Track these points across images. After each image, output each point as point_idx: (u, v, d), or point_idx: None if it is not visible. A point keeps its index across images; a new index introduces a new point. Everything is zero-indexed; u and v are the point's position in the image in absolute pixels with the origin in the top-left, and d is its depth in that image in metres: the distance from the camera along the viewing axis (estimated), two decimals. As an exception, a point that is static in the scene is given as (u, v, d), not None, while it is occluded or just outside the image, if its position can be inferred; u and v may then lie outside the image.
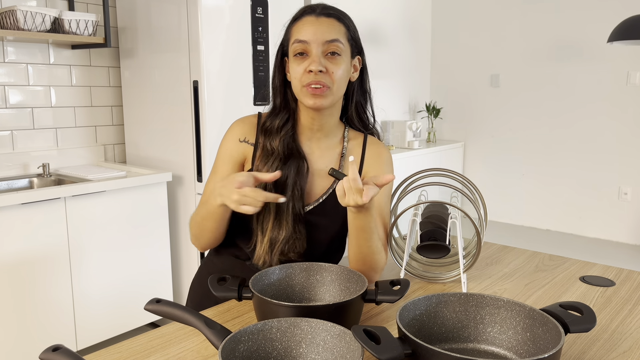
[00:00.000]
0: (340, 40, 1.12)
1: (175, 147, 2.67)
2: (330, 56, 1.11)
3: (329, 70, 1.11)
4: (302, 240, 1.16)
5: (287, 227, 1.14)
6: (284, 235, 1.14)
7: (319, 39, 1.10)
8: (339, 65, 1.12)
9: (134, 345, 0.92)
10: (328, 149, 1.23)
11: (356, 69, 1.20)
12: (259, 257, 1.16)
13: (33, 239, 2.16)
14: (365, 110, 1.26)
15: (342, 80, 1.14)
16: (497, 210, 4.83)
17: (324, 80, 1.10)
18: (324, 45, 1.11)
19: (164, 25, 2.60)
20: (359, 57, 1.20)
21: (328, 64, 1.11)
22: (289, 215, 1.14)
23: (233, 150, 1.21)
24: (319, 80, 1.10)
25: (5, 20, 2.32)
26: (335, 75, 1.11)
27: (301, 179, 1.17)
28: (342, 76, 1.13)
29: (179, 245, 2.77)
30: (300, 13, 1.17)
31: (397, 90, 4.72)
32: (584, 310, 0.83)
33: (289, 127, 1.20)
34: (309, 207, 1.19)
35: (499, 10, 4.65)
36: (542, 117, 4.52)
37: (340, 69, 1.12)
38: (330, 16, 1.14)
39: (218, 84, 2.52)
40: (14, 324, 2.14)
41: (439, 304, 0.88)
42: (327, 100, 1.13)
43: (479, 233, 1.15)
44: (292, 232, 1.14)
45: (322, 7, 1.15)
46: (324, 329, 0.78)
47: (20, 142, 2.61)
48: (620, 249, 4.10)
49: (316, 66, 1.09)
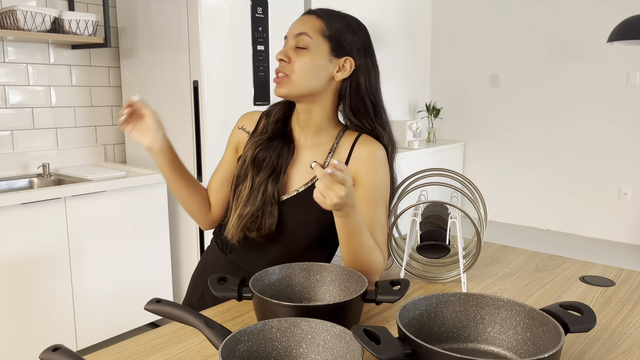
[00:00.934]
0: (308, 33, 1.15)
1: (175, 147, 2.66)
2: (298, 49, 1.15)
3: (290, 59, 1.15)
4: (270, 221, 1.16)
5: (253, 203, 1.17)
6: (249, 210, 1.17)
7: (292, 32, 1.17)
8: (302, 57, 1.14)
9: (134, 345, 0.92)
10: (316, 145, 1.22)
11: (344, 70, 1.17)
12: (228, 231, 1.20)
13: (33, 239, 2.16)
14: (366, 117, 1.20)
15: (304, 71, 1.14)
16: (497, 210, 4.83)
17: (284, 69, 1.15)
18: (294, 38, 1.16)
19: (164, 25, 2.60)
20: (349, 58, 1.16)
21: (292, 54, 1.15)
22: (259, 194, 1.17)
23: (233, 137, 1.30)
24: (280, 69, 1.15)
25: (5, 20, 2.32)
26: (295, 65, 1.14)
27: (282, 161, 1.19)
28: (305, 67, 1.14)
29: (179, 245, 2.77)
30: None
31: (397, 90, 4.72)
32: (584, 310, 0.83)
33: (283, 112, 1.25)
34: (285, 197, 1.19)
35: (499, 10, 4.66)
36: (542, 117, 4.52)
37: (303, 60, 1.14)
38: (313, 13, 1.18)
39: (218, 84, 2.52)
40: (14, 324, 2.14)
41: (439, 304, 0.88)
42: (286, 89, 1.15)
43: (479, 233, 1.15)
44: (259, 208, 1.16)
45: (318, 8, 1.20)
46: (324, 329, 0.78)
47: (20, 142, 2.61)
48: (620, 249, 4.10)
49: (279, 55, 1.16)
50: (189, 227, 2.69)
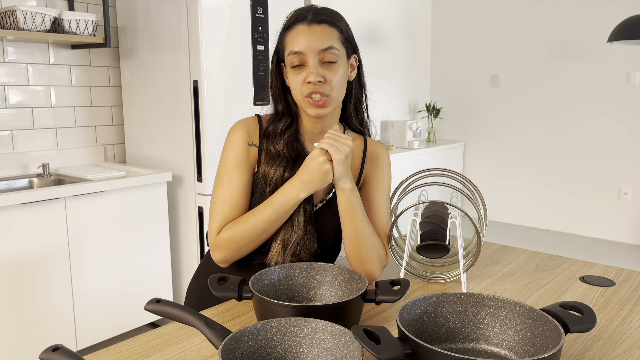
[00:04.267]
0: (334, 47, 1.12)
1: (175, 147, 2.67)
2: (327, 64, 1.12)
3: (327, 79, 1.12)
4: (312, 241, 1.17)
5: (299, 228, 1.15)
6: (296, 237, 1.15)
7: (314, 49, 1.11)
8: (336, 72, 1.13)
9: (134, 345, 0.92)
10: None
11: (353, 68, 1.21)
12: (272, 258, 1.17)
13: (33, 239, 2.16)
14: (361, 105, 1.28)
15: (341, 86, 1.15)
16: (497, 210, 4.83)
17: (323, 89, 1.11)
18: (319, 55, 1.11)
19: (164, 25, 2.60)
20: (355, 55, 1.21)
21: (325, 72, 1.12)
22: (300, 217, 1.15)
23: (245, 155, 1.20)
24: (318, 90, 1.11)
25: (5, 20, 2.32)
26: (333, 82, 1.12)
27: None
28: (341, 81, 1.14)
29: (179, 245, 2.77)
30: (292, 21, 1.15)
31: (397, 90, 4.72)
32: (584, 310, 0.83)
33: (292, 130, 1.20)
34: (317, 207, 1.20)
35: (499, 10, 4.66)
36: (542, 117, 4.52)
37: (337, 75, 1.13)
38: (322, 22, 1.13)
39: (218, 84, 2.52)
40: (14, 324, 2.14)
41: (439, 304, 0.88)
42: (329, 109, 1.15)
43: (479, 233, 1.15)
44: (303, 233, 1.15)
45: (313, 13, 1.14)
46: (324, 329, 0.78)
47: (20, 142, 2.61)
48: (620, 249, 4.10)
49: (314, 77, 1.10)
50: (189, 227, 2.69)
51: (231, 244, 1.16)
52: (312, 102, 1.12)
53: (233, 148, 1.20)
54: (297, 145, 1.20)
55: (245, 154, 1.19)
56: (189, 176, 2.63)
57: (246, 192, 1.19)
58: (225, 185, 1.19)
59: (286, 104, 1.22)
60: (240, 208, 1.18)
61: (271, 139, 1.19)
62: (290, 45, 1.13)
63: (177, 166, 2.68)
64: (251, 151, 1.20)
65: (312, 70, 1.10)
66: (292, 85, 1.15)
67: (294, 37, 1.13)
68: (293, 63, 1.13)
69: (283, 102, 1.22)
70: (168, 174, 2.58)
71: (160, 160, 2.77)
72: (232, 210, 1.17)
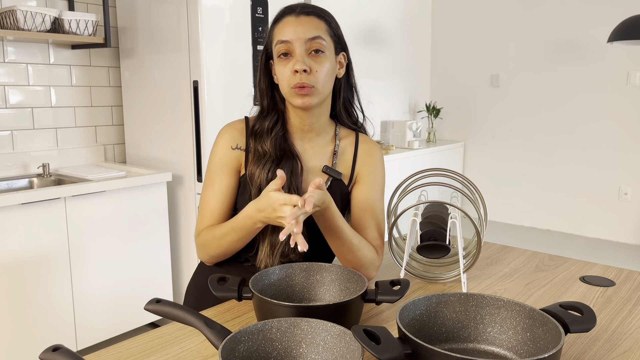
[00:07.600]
0: (322, 36, 1.13)
1: (175, 147, 2.67)
2: (314, 54, 1.12)
3: (312, 70, 1.12)
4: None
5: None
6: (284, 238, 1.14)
7: (300, 38, 1.11)
8: (323, 64, 1.13)
9: (134, 345, 0.92)
10: (320, 148, 1.24)
11: (342, 66, 1.21)
12: (261, 261, 1.17)
13: (33, 239, 2.16)
14: (352, 106, 1.28)
15: (327, 78, 1.15)
16: (497, 210, 4.83)
17: (309, 80, 1.11)
18: (306, 44, 1.12)
19: (164, 25, 2.60)
20: (344, 53, 1.21)
21: (312, 62, 1.12)
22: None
23: (227, 159, 1.21)
24: (304, 82, 1.11)
25: (5, 20, 2.32)
26: (319, 74, 1.12)
27: (296, 179, 1.18)
28: (327, 74, 1.14)
29: (179, 245, 2.77)
30: (280, 14, 1.17)
31: (397, 90, 4.72)
32: (584, 310, 0.83)
33: (279, 128, 1.20)
34: None
35: (499, 10, 4.66)
36: (542, 117, 4.52)
37: (324, 67, 1.13)
38: (310, 14, 1.14)
39: (218, 84, 2.52)
40: (14, 324, 2.14)
41: (439, 304, 0.88)
42: (314, 99, 1.14)
43: (479, 233, 1.15)
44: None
45: (302, 6, 1.16)
46: (324, 329, 0.78)
47: (20, 142, 2.61)
48: (620, 249, 4.10)
49: (300, 66, 1.10)
50: (189, 227, 2.69)
51: (204, 249, 1.21)
52: (298, 91, 1.12)
53: (216, 152, 1.22)
54: (285, 144, 1.20)
55: (227, 159, 1.21)
56: (189, 176, 2.63)
57: (225, 196, 1.20)
58: (207, 189, 1.22)
59: (272, 100, 1.22)
60: (219, 211, 1.20)
61: (258, 138, 1.20)
62: (278, 35, 1.14)
63: (177, 166, 2.68)
64: (235, 155, 1.21)
65: (299, 58, 1.11)
66: (279, 76, 1.15)
67: (282, 28, 1.14)
68: (280, 51, 1.13)
69: (269, 99, 1.22)
70: (168, 174, 2.58)
71: (160, 160, 2.77)
72: (210, 214, 1.20)
